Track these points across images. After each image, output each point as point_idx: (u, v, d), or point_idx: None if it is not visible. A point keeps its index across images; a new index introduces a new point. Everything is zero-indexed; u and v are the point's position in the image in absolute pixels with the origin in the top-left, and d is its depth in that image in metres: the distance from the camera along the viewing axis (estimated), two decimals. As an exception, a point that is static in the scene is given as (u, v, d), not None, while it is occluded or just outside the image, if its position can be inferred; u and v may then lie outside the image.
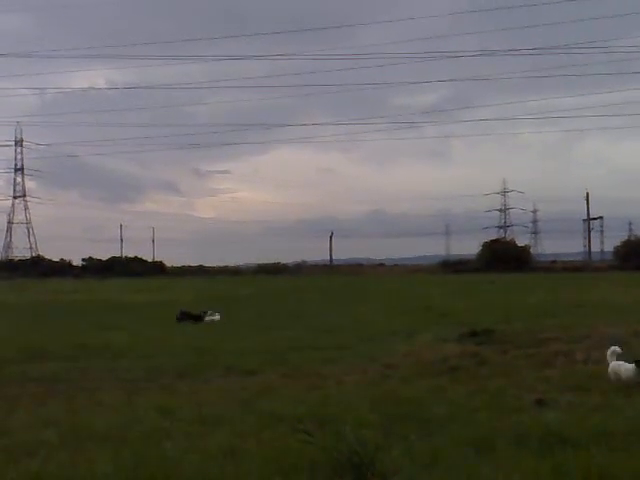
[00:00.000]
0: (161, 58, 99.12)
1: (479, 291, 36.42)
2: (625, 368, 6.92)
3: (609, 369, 7.27)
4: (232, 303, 31.56)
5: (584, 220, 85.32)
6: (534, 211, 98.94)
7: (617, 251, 78.20)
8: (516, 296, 31.02)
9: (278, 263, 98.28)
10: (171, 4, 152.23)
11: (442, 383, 10.07)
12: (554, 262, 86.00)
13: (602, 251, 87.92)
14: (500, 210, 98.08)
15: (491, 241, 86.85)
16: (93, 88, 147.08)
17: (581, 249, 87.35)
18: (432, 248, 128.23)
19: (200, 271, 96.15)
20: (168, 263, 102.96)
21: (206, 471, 5.98)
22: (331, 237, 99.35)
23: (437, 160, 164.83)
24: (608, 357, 7.17)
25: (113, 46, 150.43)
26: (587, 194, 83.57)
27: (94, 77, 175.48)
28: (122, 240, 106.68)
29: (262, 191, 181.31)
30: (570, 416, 7.64)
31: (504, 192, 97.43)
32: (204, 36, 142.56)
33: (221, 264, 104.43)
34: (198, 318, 22.97)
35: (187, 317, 23.02)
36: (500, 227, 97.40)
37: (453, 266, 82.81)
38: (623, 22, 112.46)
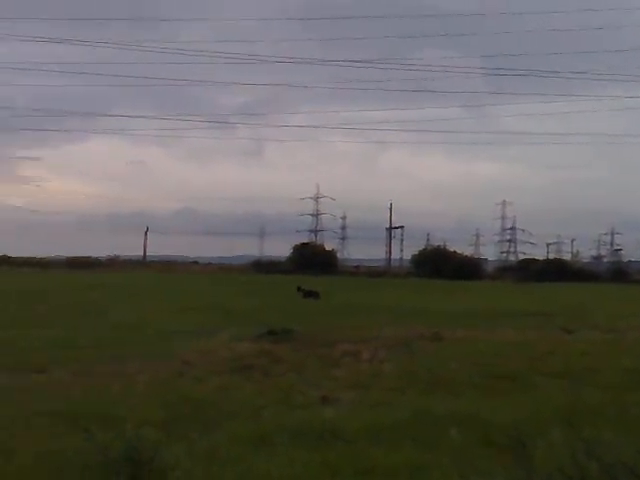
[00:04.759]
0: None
1: (284, 292, 37.29)
2: None
3: None
4: (31, 295, 29.61)
5: (387, 228, 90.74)
6: (343, 217, 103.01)
7: (414, 259, 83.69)
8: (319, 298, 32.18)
9: (89, 257, 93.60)
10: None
11: (234, 381, 10.25)
12: (357, 267, 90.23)
13: (402, 258, 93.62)
14: (312, 215, 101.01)
15: (301, 244, 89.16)
16: None
17: (383, 256, 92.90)
18: (247, 249, 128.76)
19: (3, 262, 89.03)
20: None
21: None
22: (146, 232, 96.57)
23: (252, 162, 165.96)
24: None
25: None
26: (390, 204, 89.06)
27: None
28: None
29: (75, 182, 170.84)
30: (348, 413, 8.15)
31: (317, 197, 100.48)
32: (19, 15, 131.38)
33: (28, 255, 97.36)
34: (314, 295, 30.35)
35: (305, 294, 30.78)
36: (312, 231, 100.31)
37: (264, 267, 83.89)
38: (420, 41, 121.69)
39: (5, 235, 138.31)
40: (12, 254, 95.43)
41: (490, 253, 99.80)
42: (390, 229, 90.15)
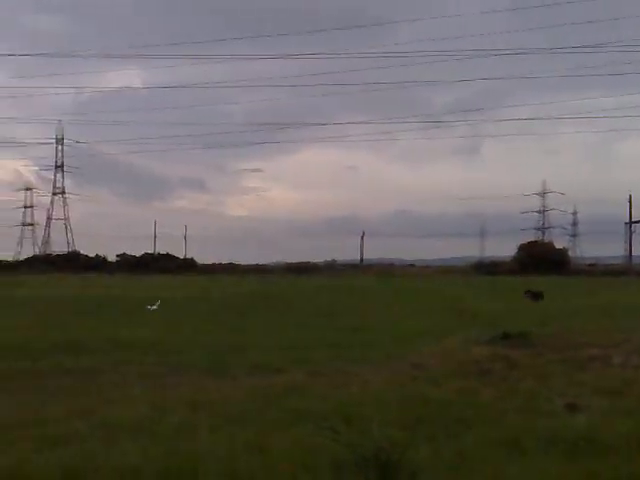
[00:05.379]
0: (194, 58, 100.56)
1: (513, 293, 35.94)
2: None
3: None
4: (261, 301, 31.70)
5: (626, 223, 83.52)
6: (574, 213, 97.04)
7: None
8: (552, 299, 30.60)
9: (308, 262, 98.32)
10: (205, 5, 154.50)
11: (471, 385, 9.94)
12: (592, 265, 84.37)
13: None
14: (538, 212, 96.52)
15: (528, 243, 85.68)
16: (128, 87, 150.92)
17: (622, 252, 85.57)
18: (465, 249, 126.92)
19: (231, 269, 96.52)
20: (199, 260, 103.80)
21: (233, 467, 6.00)
22: (362, 237, 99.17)
23: (468, 160, 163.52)
24: None
25: (148, 46, 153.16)
26: (630, 196, 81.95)
27: (130, 77, 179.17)
28: (155, 237, 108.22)
29: (293, 190, 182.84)
30: (602, 421, 7.51)
31: (543, 193, 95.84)
32: (236, 36, 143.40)
33: (251, 262, 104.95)
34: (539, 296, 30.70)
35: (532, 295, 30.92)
36: (538, 229, 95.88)
37: (487, 268, 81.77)
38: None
39: (230, 243, 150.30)
40: (238, 261, 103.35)
41: None
42: (630, 223, 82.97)
